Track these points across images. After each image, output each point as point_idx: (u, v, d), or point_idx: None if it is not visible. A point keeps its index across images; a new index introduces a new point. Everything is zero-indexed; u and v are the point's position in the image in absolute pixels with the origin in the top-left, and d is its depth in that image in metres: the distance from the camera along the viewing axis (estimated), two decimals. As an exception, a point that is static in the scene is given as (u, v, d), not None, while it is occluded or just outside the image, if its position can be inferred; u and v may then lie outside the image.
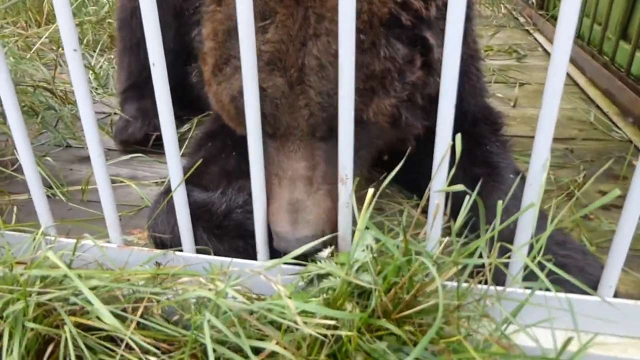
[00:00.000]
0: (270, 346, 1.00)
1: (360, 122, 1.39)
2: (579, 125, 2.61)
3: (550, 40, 4.13)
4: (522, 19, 4.95)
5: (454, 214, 1.43)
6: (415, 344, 1.11)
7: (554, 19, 4.28)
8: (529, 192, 1.16)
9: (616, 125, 2.59)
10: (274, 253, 1.36)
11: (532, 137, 1.11)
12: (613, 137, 2.48)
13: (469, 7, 1.18)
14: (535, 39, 4.26)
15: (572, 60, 3.57)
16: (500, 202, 1.13)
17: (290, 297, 1.09)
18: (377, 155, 1.61)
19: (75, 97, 1.29)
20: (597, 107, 2.83)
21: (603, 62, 3.15)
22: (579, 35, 3.67)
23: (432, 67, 1.43)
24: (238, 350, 1.09)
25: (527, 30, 4.54)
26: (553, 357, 1.01)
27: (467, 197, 1.18)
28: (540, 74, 3.42)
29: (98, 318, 1.08)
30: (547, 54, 3.88)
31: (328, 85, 1.34)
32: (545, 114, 1.08)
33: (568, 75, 3.36)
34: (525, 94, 3.06)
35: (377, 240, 1.20)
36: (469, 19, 1.10)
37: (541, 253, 1.07)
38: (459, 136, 1.17)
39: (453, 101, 1.11)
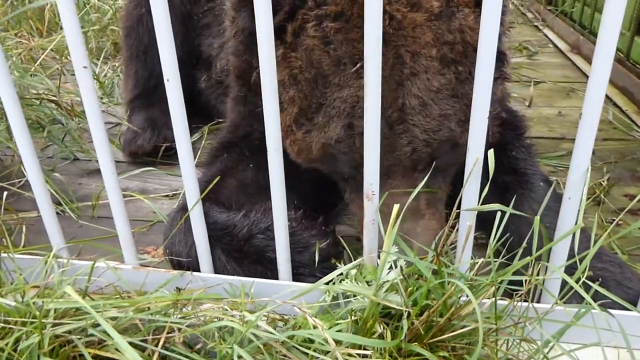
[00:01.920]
0: (300, 379, 0.94)
1: (455, 146, 1.40)
2: (599, 124, 2.53)
3: (561, 37, 4.05)
4: (530, 15, 4.87)
5: (482, 225, 1.38)
6: (450, 369, 1.06)
7: (563, 14, 4.20)
8: (567, 206, 1.10)
9: (636, 124, 2.52)
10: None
11: (551, 138, 1.07)
12: (634, 137, 2.41)
13: (504, 5, 1.13)
14: (546, 35, 4.19)
15: (587, 57, 3.50)
16: (537, 218, 1.06)
17: (320, 326, 1.03)
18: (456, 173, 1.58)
19: (86, 113, 1.23)
20: (615, 105, 2.76)
21: (618, 58, 3.08)
22: (592, 32, 3.59)
23: (506, 78, 1.49)
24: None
25: (536, 27, 4.46)
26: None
27: (498, 214, 1.11)
28: (553, 72, 3.35)
29: (117, 350, 1.03)
30: (559, 50, 3.80)
31: (432, 122, 1.33)
32: (585, 122, 1.02)
33: (583, 72, 3.30)
34: (540, 92, 2.99)
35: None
36: (502, 21, 1.04)
37: (585, 273, 1.01)
38: (491, 152, 1.11)
39: (486, 112, 1.05)
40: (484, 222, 1.41)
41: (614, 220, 1.71)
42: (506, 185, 1.55)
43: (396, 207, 1.13)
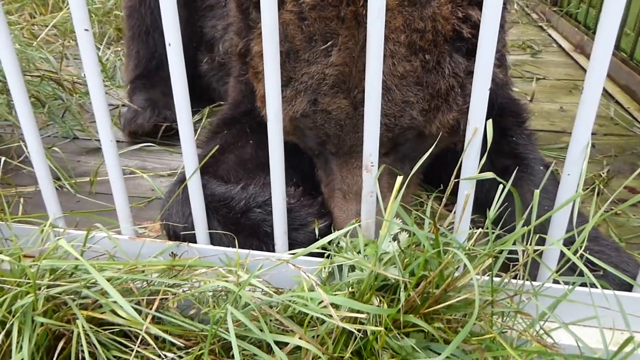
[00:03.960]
0: (295, 341, 0.94)
1: (420, 136, 1.41)
2: (600, 120, 2.54)
3: (565, 37, 4.06)
4: (535, 16, 4.87)
5: (479, 207, 1.37)
6: (444, 342, 1.05)
7: (568, 15, 4.20)
8: (566, 182, 1.09)
9: (637, 121, 2.52)
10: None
11: (551, 131, 1.06)
12: (635, 133, 2.41)
13: None
14: (550, 35, 4.19)
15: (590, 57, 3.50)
16: (537, 191, 1.06)
17: (313, 291, 1.02)
18: (430, 161, 1.57)
19: (86, 77, 1.23)
20: (617, 102, 2.75)
21: (621, 58, 3.08)
22: (595, 32, 3.59)
23: (500, 65, 1.46)
24: (258, 345, 1.04)
25: (541, 27, 4.46)
26: (598, 357, 0.94)
27: (500, 187, 1.11)
28: (556, 69, 3.34)
29: (113, 312, 1.02)
30: (562, 50, 3.80)
31: (394, 107, 1.33)
32: (587, 97, 1.01)
33: (586, 71, 3.30)
34: (541, 88, 2.98)
35: (404, 230, 1.14)
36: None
37: (583, 247, 1.00)
38: (489, 122, 1.10)
39: (487, 84, 1.05)
40: (481, 207, 1.41)
41: (612, 209, 1.71)
42: (506, 169, 1.54)
43: (399, 179, 1.12)
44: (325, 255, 1.22)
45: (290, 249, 1.33)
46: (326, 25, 1.30)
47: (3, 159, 1.66)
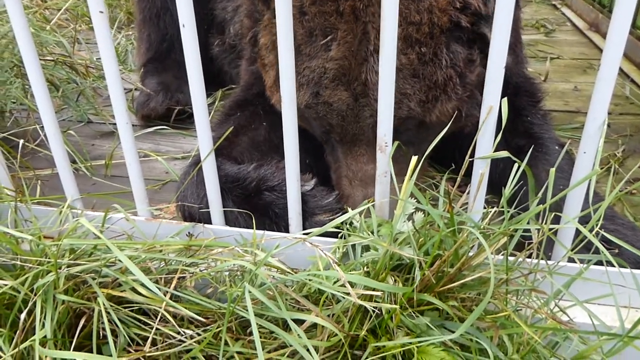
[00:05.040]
0: (312, 318, 0.95)
1: (422, 124, 1.44)
2: (615, 99, 2.50)
3: (579, 15, 3.98)
4: (548, -6, 4.78)
5: (492, 188, 1.37)
6: (459, 320, 1.06)
7: (583, -8, 4.11)
8: (582, 160, 1.08)
9: (653, 100, 2.48)
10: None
11: (566, 111, 1.05)
12: (651, 112, 2.38)
13: None
14: (563, 14, 4.11)
15: (605, 36, 3.44)
16: (552, 170, 1.06)
17: (328, 270, 1.04)
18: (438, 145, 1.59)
19: (101, 60, 1.24)
20: (633, 81, 2.71)
21: (637, 35, 3.02)
22: (611, 10, 3.52)
23: (515, 44, 1.48)
24: (274, 323, 1.05)
25: (554, 5, 4.38)
26: (613, 333, 0.95)
27: (516, 166, 1.11)
28: (570, 49, 3.29)
29: (133, 289, 1.04)
30: (577, 28, 3.74)
31: None
32: (604, 74, 1.00)
33: (601, 50, 3.24)
34: (555, 68, 2.95)
35: (419, 211, 1.15)
36: None
37: (599, 224, 1.00)
38: (504, 101, 1.10)
39: (503, 62, 1.04)
40: (494, 187, 1.41)
41: (627, 189, 1.70)
42: (520, 149, 1.54)
43: (414, 158, 1.12)
44: (339, 236, 1.23)
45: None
46: (325, 20, 1.33)
47: (21, 141, 1.68)
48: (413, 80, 1.35)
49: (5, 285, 1.05)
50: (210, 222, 1.38)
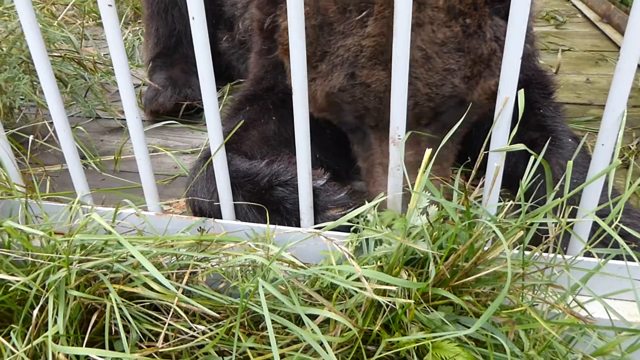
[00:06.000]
0: (326, 313, 0.94)
1: (461, 104, 1.36)
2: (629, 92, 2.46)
3: (591, 7, 3.93)
4: (557, -15, 4.72)
5: (504, 181, 1.35)
6: (474, 315, 1.05)
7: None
8: (600, 153, 1.06)
9: (668, 92, 2.44)
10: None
11: (578, 104, 1.02)
12: (665, 104, 2.34)
13: None
14: (574, 5, 4.06)
15: (617, 27, 3.39)
16: (570, 162, 1.04)
17: (341, 264, 1.02)
18: (468, 130, 1.54)
19: (109, 52, 1.23)
20: (646, 73, 2.67)
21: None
22: (623, 1, 3.47)
23: (527, 36, 1.39)
24: (287, 318, 1.04)
25: (564, -4, 4.33)
26: (633, 329, 0.93)
27: (531, 159, 1.09)
28: (582, 40, 3.25)
29: (145, 285, 1.03)
30: (588, 20, 3.69)
31: (435, 76, 1.29)
32: (623, 65, 0.98)
33: (613, 42, 3.20)
34: (567, 60, 2.91)
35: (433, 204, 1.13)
36: None
37: (618, 218, 0.98)
38: (521, 92, 1.07)
39: (520, 51, 1.02)
40: (506, 181, 1.39)
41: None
42: (533, 142, 1.51)
43: (428, 151, 1.10)
44: (352, 229, 1.22)
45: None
46: None
47: (31, 137, 1.68)
48: (458, 55, 1.29)
49: (18, 281, 1.04)
50: (220, 217, 1.37)
